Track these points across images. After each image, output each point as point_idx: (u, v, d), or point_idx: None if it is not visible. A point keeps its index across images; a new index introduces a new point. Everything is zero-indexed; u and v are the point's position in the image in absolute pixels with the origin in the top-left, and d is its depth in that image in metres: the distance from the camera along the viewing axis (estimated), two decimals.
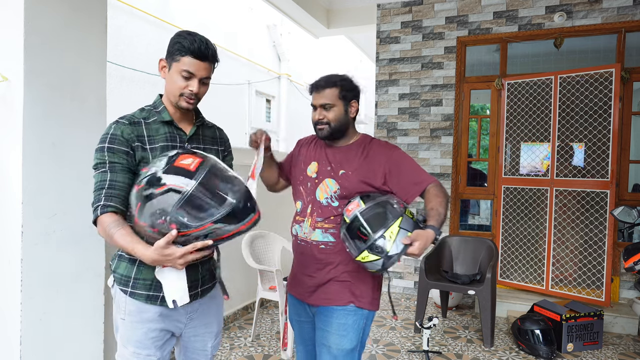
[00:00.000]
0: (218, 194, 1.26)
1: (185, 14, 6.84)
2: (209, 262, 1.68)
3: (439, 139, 4.86)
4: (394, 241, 1.54)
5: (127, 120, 1.48)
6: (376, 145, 1.84)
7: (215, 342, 1.73)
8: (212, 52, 1.48)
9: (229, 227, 1.28)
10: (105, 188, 1.40)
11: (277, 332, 3.66)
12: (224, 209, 1.26)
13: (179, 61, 1.45)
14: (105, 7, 2.32)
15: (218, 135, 1.70)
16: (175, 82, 1.47)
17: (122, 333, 1.55)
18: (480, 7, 4.66)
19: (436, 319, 3.08)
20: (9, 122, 1.96)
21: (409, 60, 4.97)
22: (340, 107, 1.80)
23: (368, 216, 1.61)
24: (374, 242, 1.55)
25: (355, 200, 1.69)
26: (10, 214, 1.97)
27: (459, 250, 4.08)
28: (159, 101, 1.57)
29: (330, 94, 1.79)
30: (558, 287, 4.14)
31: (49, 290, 2.08)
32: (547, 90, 4.22)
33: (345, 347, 1.74)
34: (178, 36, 1.48)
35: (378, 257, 1.55)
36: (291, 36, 9.41)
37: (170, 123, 1.54)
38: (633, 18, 4.12)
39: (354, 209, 1.64)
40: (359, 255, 1.58)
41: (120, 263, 1.54)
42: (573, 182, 4.09)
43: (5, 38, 1.95)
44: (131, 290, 1.51)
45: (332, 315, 1.77)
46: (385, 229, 1.56)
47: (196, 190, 1.24)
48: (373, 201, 1.65)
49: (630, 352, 3.46)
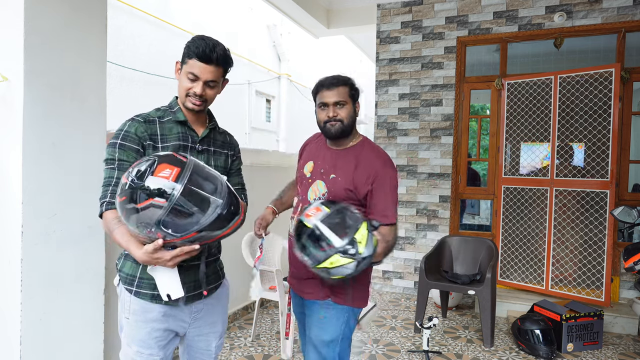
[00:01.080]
0: (200, 202, 1.26)
1: (185, 14, 6.83)
2: (215, 263, 1.70)
3: (439, 139, 4.86)
4: (365, 244, 1.55)
5: (142, 118, 1.52)
6: (370, 157, 1.83)
7: (220, 342, 1.74)
8: (219, 55, 1.50)
9: (215, 232, 1.31)
10: (111, 185, 1.44)
11: (277, 332, 3.66)
12: (207, 218, 1.26)
13: (187, 63, 1.50)
14: (105, 7, 2.32)
15: (228, 140, 1.74)
16: (182, 84, 1.53)
17: (126, 332, 1.56)
18: (480, 7, 4.66)
19: (436, 319, 3.08)
20: (9, 122, 1.95)
21: (409, 60, 4.97)
22: (350, 106, 1.84)
23: (334, 221, 1.57)
24: (343, 246, 1.53)
25: (315, 204, 1.65)
26: (10, 214, 1.97)
27: (459, 250, 4.08)
28: (175, 102, 1.60)
29: (343, 92, 1.81)
30: (558, 287, 4.14)
31: (49, 290, 2.08)
32: (547, 90, 4.22)
33: (324, 339, 1.82)
34: (190, 40, 1.53)
35: (351, 260, 1.54)
36: (291, 36, 9.41)
37: (184, 123, 1.57)
38: (633, 18, 4.12)
39: (316, 214, 1.59)
40: (327, 260, 1.55)
41: (125, 262, 1.56)
42: (573, 182, 4.09)
43: (5, 38, 1.95)
44: (136, 290, 1.53)
45: (312, 308, 1.86)
46: (354, 232, 1.55)
47: (177, 203, 1.22)
48: (335, 205, 1.63)
49: (630, 352, 3.46)
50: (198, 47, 1.47)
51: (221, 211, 1.28)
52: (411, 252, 4.96)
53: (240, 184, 1.76)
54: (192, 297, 1.58)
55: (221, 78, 1.57)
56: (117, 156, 1.46)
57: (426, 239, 4.90)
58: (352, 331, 1.90)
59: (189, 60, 1.49)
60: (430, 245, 4.77)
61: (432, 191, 4.88)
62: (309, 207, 1.66)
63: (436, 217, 4.87)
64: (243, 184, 1.78)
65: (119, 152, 1.46)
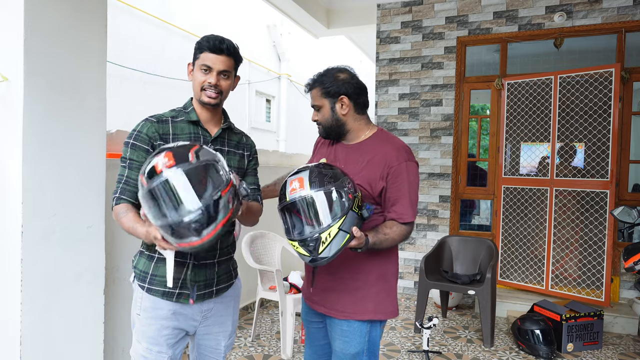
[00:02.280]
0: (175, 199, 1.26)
1: (185, 14, 6.83)
2: (228, 262, 1.71)
3: (439, 139, 4.86)
4: (327, 245, 1.43)
5: (155, 119, 1.58)
6: (384, 150, 1.68)
7: (229, 342, 1.76)
8: (228, 46, 1.56)
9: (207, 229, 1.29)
10: (122, 182, 1.54)
11: (277, 332, 3.66)
12: (173, 217, 1.25)
13: (199, 58, 1.57)
14: (105, 7, 2.32)
15: (244, 141, 1.75)
16: (196, 78, 1.58)
17: (137, 328, 1.61)
18: (480, 7, 4.66)
19: (436, 319, 3.08)
20: (9, 122, 1.95)
21: (409, 60, 4.97)
22: (326, 106, 1.72)
23: (311, 206, 1.44)
24: (306, 239, 1.45)
25: (301, 174, 1.49)
26: (10, 214, 1.97)
27: (459, 250, 4.08)
28: (189, 102, 1.65)
29: (315, 95, 1.74)
30: (558, 287, 4.14)
31: (49, 290, 2.08)
32: (547, 90, 4.22)
33: (349, 352, 1.72)
34: (199, 39, 1.61)
35: (307, 255, 1.47)
36: (291, 36, 9.40)
37: (196, 123, 1.61)
38: (633, 18, 4.12)
39: (298, 190, 1.46)
40: (290, 240, 1.50)
41: (140, 259, 1.63)
42: (573, 182, 4.09)
43: (5, 38, 1.95)
44: (148, 286, 1.58)
45: (333, 320, 1.75)
46: (323, 229, 1.43)
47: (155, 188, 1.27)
48: (322, 187, 1.45)
49: (630, 352, 3.46)
50: (208, 41, 1.55)
51: (203, 212, 1.25)
52: (411, 252, 4.96)
53: (256, 184, 1.77)
54: (202, 296, 1.61)
55: (233, 70, 1.61)
56: (129, 155, 1.54)
57: (426, 239, 4.90)
58: (376, 343, 1.78)
59: (201, 55, 1.55)
60: (430, 245, 4.77)
61: (432, 191, 4.88)
62: (296, 174, 1.52)
63: (436, 217, 4.87)
64: (258, 184, 1.79)
65: (130, 152, 1.54)
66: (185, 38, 6.73)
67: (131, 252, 2.76)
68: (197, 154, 1.30)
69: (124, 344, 2.74)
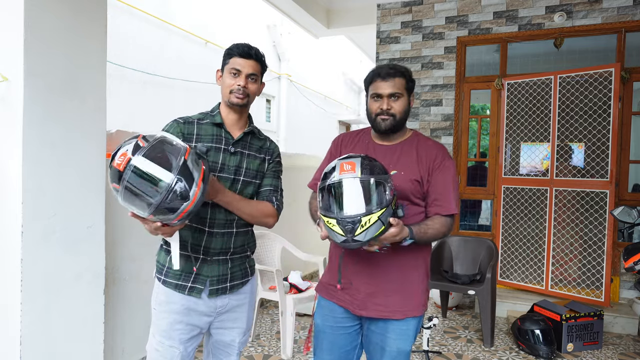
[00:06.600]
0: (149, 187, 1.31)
1: (185, 14, 6.84)
2: (243, 260, 1.75)
3: (439, 139, 4.85)
4: (365, 229, 1.45)
5: (182, 120, 1.66)
6: (428, 146, 1.76)
7: (244, 339, 1.80)
8: (256, 52, 1.68)
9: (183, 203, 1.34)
10: None
11: (277, 332, 3.66)
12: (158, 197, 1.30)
13: (228, 63, 1.66)
14: (105, 7, 2.32)
15: (267, 145, 1.80)
16: (226, 82, 1.66)
17: (153, 322, 1.67)
18: (480, 7, 4.66)
19: (436, 319, 3.08)
20: (9, 122, 1.95)
21: (409, 60, 4.97)
22: (405, 99, 1.74)
23: (359, 189, 1.46)
24: (346, 219, 1.45)
25: (353, 160, 1.52)
26: (10, 214, 1.97)
27: (459, 250, 4.08)
28: (216, 107, 1.73)
29: (400, 84, 1.71)
30: (558, 287, 4.14)
31: (49, 290, 2.08)
32: (547, 90, 4.22)
33: (406, 349, 1.75)
34: (228, 47, 1.70)
35: (342, 235, 1.47)
36: (291, 36, 9.41)
37: (220, 125, 1.68)
38: (633, 18, 4.12)
39: (349, 172, 1.48)
40: (327, 217, 1.50)
41: (160, 252, 1.71)
42: (573, 182, 4.09)
43: (5, 38, 1.95)
44: (164, 279, 1.65)
45: (391, 323, 1.73)
46: (365, 214, 1.45)
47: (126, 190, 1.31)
48: (372, 175, 1.49)
49: (630, 352, 3.46)
50: (238, 47, 1.66)
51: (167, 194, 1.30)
52: None
53: (272, 185, 1.77)
54: (216, 291, 1.66)
55: (260, 75, 1.70)
56: None
57: None
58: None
59: (230, 60, 1.65)
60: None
61: None
62: (346, 158, 1.54)
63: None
64: (276, 185, 1.78)
65: None
66: (185, 38, 6.73)
67: (131, 252, 2.76)
68: (144, 139, 1.35)
69: (124, 344, 2.74)
